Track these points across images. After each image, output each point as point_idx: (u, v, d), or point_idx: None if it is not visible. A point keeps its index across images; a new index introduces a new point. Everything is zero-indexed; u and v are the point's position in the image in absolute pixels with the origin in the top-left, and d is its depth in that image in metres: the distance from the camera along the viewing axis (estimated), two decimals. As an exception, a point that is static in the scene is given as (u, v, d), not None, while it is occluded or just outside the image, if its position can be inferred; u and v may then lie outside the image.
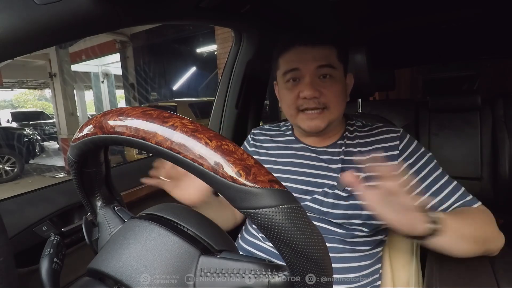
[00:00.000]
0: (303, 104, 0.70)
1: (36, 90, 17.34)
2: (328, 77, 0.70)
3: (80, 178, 0.41)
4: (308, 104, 0.69)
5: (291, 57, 0.71)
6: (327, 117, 0.70)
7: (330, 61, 0.70)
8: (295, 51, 0.71)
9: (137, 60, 8.11)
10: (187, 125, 0.28)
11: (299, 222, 0.26)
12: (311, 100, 0.69)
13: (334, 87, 0.70)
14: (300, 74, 0.70)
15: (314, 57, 0.69)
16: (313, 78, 0.69)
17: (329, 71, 0.70)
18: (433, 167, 0.68)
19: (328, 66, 0.69)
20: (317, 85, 0.69)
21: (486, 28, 1.55)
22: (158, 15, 0.78)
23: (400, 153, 0.69)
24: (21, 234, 0.65)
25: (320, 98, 0.69)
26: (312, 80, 0.69)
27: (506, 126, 1.56)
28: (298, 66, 0.70)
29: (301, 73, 0.70)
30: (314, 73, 0.69)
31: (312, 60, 0.69)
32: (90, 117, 0.49)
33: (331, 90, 0.70)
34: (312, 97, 0.68)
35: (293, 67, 0.70)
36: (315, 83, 0.69)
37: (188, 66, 8.80)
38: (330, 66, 0.70)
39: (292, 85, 0.71)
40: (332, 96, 0.70)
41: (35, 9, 0.50)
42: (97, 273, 0.34)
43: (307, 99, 0.69)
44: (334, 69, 0.70)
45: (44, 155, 7.24)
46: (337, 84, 0.71)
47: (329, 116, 0.70)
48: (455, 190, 0.65)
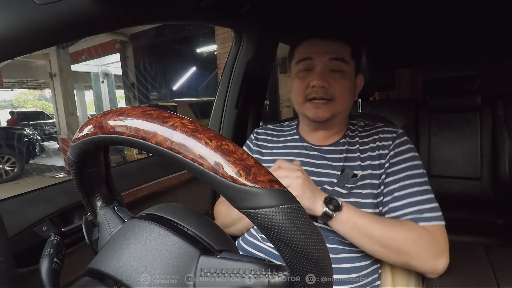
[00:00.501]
0: (312, 93, 0.72)
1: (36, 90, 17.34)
2: (338, 72, 0.72)
3: (80, 178, 0.41)
4: (316, 94, 0.72)
5: (306, 48, 0.75)
6: (332, 108, 0.73)
7: (343, 55, 0.73)
8: (311, 42, 0.74)
9: (137, 60, 8.11)
10: (187, 125, 0.28)
11: (299, 222, 0.26)
12: (319, 89, 0.71)
13: (343, 81, 0.73)
14: (312, 64, 0.73)
15: (328, 50, 0.72)
16: (324, 69, 0.72)
17: (341, 65, 0.72)
18: (410, 175, 0.68)
19: (340, 60, 0.72)
20: (327, 77, 0.72)
21: (486, 28, 1.55)
22: (158, 15, 0.78)
23: (388, 152, 0.71)
24: (21, 234, 0.65)
25: (329, 89, 0.72)
26: (322, 71, 0.72)
27: (506, 126, 1.56)
28: (311, 56, 0.73)
29: (313, 63, 0.73)
30: (326, 65, 0.72)
31: (325, 52, 0.72)
32: (90, 117, 0.49)
33: (340, 83, 0.72)
34: (321, 86, 0.71)
35: (307, 56, 0.74)
36: (326, 74, 0.72)
37: (188, 66, 8.80)
38: (342, 60, 0.72)
39: (304, 74, 0.74)
40: (340, 89, 0.72)
41: (35, 9, 0.50)
42: (97, 273, 0.34)
43: (316, 88, 0.71)
44: (345, 64, 0.73)
45: (44, 155, 7.24)
46: (346, 79, 0.73)
47: (334, 107, 0.73)
48: (418, 204, 0.64)
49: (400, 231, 0.61)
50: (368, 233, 0.61)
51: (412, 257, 0.61)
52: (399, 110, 1.75)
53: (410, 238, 0.61)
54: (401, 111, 1.75)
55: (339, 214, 0.62)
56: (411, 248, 0.60)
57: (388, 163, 0.70)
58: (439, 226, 0.63)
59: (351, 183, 0.70)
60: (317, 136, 0.80)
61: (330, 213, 0.61)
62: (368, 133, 0.77)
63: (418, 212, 0.64)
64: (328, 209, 0.61)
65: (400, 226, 0.62)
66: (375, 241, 0.61)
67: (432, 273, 0.62)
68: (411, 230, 0.62)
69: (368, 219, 0.62)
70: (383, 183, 0.69)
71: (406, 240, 0.61)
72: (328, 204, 0.62)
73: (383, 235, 0.61)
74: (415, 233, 0.61)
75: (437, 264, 0.61)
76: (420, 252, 0.60)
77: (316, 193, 0.63)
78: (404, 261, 0.62)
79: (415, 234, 0.61)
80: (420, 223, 0.63)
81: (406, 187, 0.66)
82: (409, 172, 0.68)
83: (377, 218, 0.64)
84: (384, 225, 0.62)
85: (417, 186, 0.66)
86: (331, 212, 0.61)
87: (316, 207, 0.62)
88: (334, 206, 0.62)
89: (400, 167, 0.69)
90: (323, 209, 0.62)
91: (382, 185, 0.69)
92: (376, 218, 0.64)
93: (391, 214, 0.66)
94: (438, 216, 0.64)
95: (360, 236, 0.62)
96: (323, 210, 0.61)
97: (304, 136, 0.82)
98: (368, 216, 0.63)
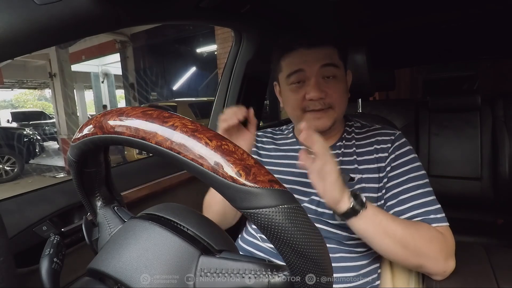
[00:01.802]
0: (309, 105, 0.71)
1: (36, 90, 17.33)
2: (331, 77, 0.71)
3: (80, 178, 0.41)
4: (314, 106, 0.70)
5: (294, 60, 0.72)
6: (332, 116, 0.71)
7: (333, 60, 0.71)
8: (297, 53, 0.71)
9: (137, 60, 8.12)
10: (187, 125, 0.28)
11: (299, 222, 0.26)
12: (317, 101, 0.70)
13: (338, 87, 0.71)
14: (305, 75, 0.71)
15: (317, 58, 0.70)
16: (318, 78, 0.70)
17: (333, 71, 0.71)
18: (413, 177, 0.67)
19: (332, 65, 0.71)
20: (323, 86, 0.70)
21: (486, 28, 1.55)
22: (158, 15, 0.78)
23: (388, 155, 0.71)
24: (21, 234, 0.65)
25: (326, 99, 0.70)
26: (317, 81, 0.69)
27: (506, 126, 1.56)
28: (302, 67, 0.70)
29: (306, 75, 0.71)
30: (319, 73, 0.70)
31: (315, 60, 0.70)
32: (90, 117, 0.49)
33: (336, 90, 0.71)
34: (318, 98, 0.69)
35: (297, 68, 0.71)
36: (320, 84, 0.70)
37: (188, 66, 8.80)
38: (334, 65, 0.71)
39: (297, 87, 0.72)
40: (337, 96, 0.71)
41: (35, 9, 0.50)
42: (97, 273, 0.34)
43: (314, 101, 0.70)
44: (337, 68, 0.71)
45: (44, 155, 7.24)
46: (340, 83, 0.72)
47: (334, 115, 0.72)
48: (424, 205, 0.64)
49: (419, 231, 0.59)
50: (391, 232, 0.58)
51: (428, 258, 0.59)
52: (399, 110, 1.75)
53: (427, 238, 0.59)
54: (401, 111, 1.75)
55: (365, 210, 0.57)
56: (428, 249, 0.59)
57: (390, 166, 0.69)
58: (447, 228, 0.63)
59: (347, 186, 0.70)
60: None
61: (358, 208, 0.56)
62: (365, 135, 0.76)
63: (426, 214, 0.63)
64: (356, 204, 0.56)
65: (418, 226, 0.61)
66: (397, 240, 0.58)
67: (441, 275, 0.61)
68: (427, 231, 0.60)
69: (390, 218, 0.59)
70: (384, 187, 0.69)
71: (424, 240, 0.59)
72: (355, 199, 0.57)
73: (404, 235, 0.58)
74: (431, 233, 0.60)
75: (447, 266, 0.60)
76: (436, 253, 0.59)
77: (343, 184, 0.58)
78: (419, 263, 0.60)
79: (431, 234, 0.60)
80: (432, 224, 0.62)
81: (411, 189, 0.66)
82: (412, 174, 0.67)
83: (397, 217, 0.62)
84: (404, 224, 0.60)
85: (421, 188, 0.66)
86: (358, 207, 0.56)
87: (342, 200, 0.56)
88: (359, 202, 0.57)
89: (402, 169, 0.68)
90: (350, 204, 0.56)
91: (383, 189, 0.69)
92: (396, 217, 0.61)
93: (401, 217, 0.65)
94: (443, 217, 0.63)
95: (384, 236, 0.58)
96: (350, 205, 0.56)
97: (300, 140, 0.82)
98: (389, 215, 0.61)
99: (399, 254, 0.59)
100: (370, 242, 0.60)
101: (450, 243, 0.61)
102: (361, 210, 0.57)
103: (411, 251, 0.59)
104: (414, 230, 0.59)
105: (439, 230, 0.61)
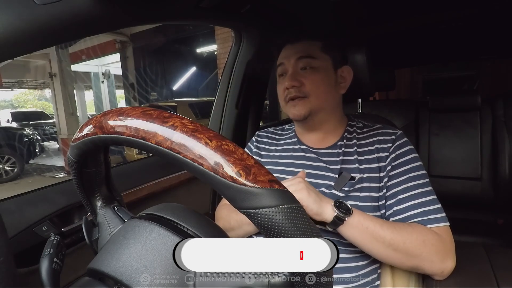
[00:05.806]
0: (288, 94, 0.76)
1: (36, 90, 17.32)
2: (308, 68, 0.75)
3: (80, 178, 0.41)
4: (290, 94, 0.75)
5: (281, 55, 0.80)
6: (307, 105, 0.74)
7: (309, 52, 0.75)
8: (284, 49, 0.79)
9: (137, 60, 8.11)
10: (187, 125, 0.28)
11: (299, 222, 0.26)
12: (292, 89, 0.75)
13: (314, 76, 0.75)
14: (285, 68, 0.78)
15: (295, 51, 0.77)
16: (295, 69, 0.76)
17: (310, 62, 0.75)
18: (413, 176, 0.67)
19: (307, 57, 0.75)
20: (298, 76, 0.75)
21: (486, 28, 1.55)
22: (158, 15, 0.78)
23: (389, 154, 0.71)
24: (21, 234, 0.65)
25: (301, 87, 0.74)
26: (293, 71, 0.76)
27: (506, 126, 1.56)
28: (283, 61, 0.78)
29: (285, 67, 0.78)
30: (295, 65, 0.76)
31: (293, 54, 0.76)
32: (90, 117, 0.49)
33: (311, 79, 0.74)
34: (292, 86, 0.74)
35: (280, 62, 0.80)
36: (297, 74, 0.75)
37: (188, 66, 8.79)
38: (310, 57, 0.75)
39: (281, 79, 0.80)
40: (312, 85, 0.74)
41: (35, 9, 0.50)
42: (97, 273, 0.34)
43: (289, 89, 0.75)
44: (314, 59, 0.75)
45: (44, 155, 7.24)
46: (317, 73, 0.75)
47: (309, 103, 0.75)
48: (423, 205, 0.64)
49: (410, 234, 0.60)
50: (379, 237, 0.59)
51: (422, 260, 0.59)
52: (399, 110, 1.75)
53: (420, 240, 0.59)
54: (401, 111, 1.75)
55: (350, 218, 0.59)
56: (421, 251, 0.59)
57: (390, 165, 0.70)
58: (446, 228, 0.63)
59: (348, 186, 0.70)
60: (312, 137, 0.80)
61: (342, 216, 0.58)
62: (366, 135, 0.76)
63: (423, 214, 0.63)
64: (340, 213, 0.58)
65: (410, 229, 0.61)
66: (387, 245, 0.59)
67: (439, 275, 0.61)
68: (420, 233, 0.60)
69: (378, 223, 0.61)
70: (385, 186, 0.69)
71: (417, 243, 0.59)
72: (338, 208, 0.59)
73: (394, 239, 0.59)
74: (425, 235, 0.60)
75: (445, 266, 0.60)
76: (430, 254, 0.59)
77: (322, 197, 0.61)
78: (413, 265, 0.61)
79: (425, 236, 0.60)
80: (427, 226, 0.62)
81: (410, 189, 0.66)
82: (412, 174, 0.67)
83: (386, 221, 0.63)
84: (394, 228, 0.61)
85: (420, 188, 0.66)
86: (342, 215, 0.59)
87: (325, 211, 0.59)
88: (344, 209, 0.59)
89: (403, 169, 0.68)
90: (334, 213, 0.59)
91: (384, 188, 0.69)
92: (385, 222, 0.62)
93: (396, 217, 0.65)
94: (443, 217, 0.63)
95: (372, 241, 0.60)
96: (335, 214, 0.59)
97: (301, 139, 0.82)
98: (377, 220, 0.62)
99: (392, 257, 0.61)
100: (361, 248, 0.62)
101: (448, 243, 0.61)
102: (346, 218, 0.59)
103: (403, 254, 0.59)
104: (405, 233, 0.60)
105: (436, 231, 0.61)
